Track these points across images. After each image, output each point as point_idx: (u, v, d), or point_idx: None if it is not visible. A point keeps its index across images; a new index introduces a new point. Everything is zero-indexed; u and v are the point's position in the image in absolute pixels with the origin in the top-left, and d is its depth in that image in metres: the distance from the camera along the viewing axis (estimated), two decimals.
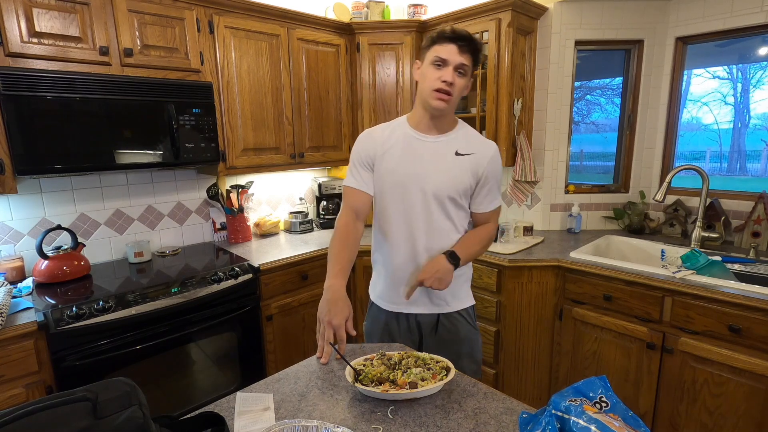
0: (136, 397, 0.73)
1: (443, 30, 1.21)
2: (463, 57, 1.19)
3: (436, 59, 1.20)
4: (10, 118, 1.53)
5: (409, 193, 1.27)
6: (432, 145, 1.28)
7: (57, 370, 1.49)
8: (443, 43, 1.20)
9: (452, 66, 1.19)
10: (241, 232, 2.45)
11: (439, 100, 1.21)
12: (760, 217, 2.01)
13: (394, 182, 1.28)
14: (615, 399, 0.74)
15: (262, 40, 2.22)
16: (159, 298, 1.70)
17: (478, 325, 1.44)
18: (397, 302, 1.35)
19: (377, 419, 0.90)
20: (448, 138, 1.30)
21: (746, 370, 1.55)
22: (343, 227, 1.30)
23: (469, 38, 1.20)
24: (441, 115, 1.27)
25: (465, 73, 1.22)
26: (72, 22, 1.65)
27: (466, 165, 1.28)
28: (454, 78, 1.20)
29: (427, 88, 1.22)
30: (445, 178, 1.26)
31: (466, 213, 1.34)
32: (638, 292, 1.79)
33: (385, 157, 1.29)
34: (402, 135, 1.30)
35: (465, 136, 1.32)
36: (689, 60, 2.33)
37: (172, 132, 1.90)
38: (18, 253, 1.89)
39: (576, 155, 2.66)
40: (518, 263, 2.04)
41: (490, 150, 1.31)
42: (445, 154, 1.28)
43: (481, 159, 1.29)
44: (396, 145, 1.29)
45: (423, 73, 1.25)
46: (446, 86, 1.19)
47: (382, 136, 1.32)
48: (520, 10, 2.21)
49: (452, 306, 1.36)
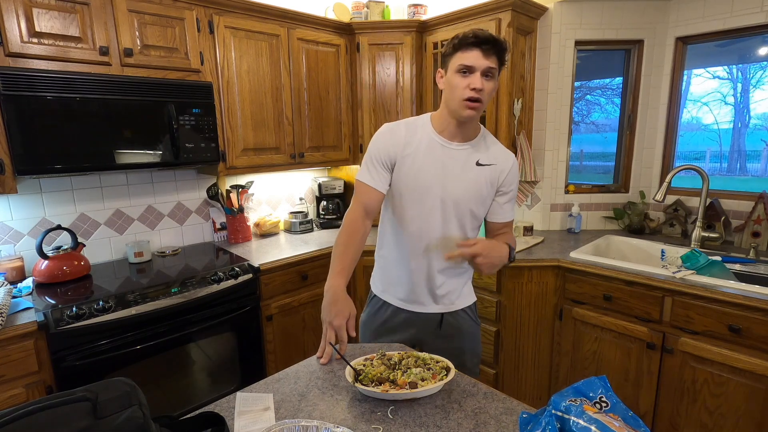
0: (136, 397, 0.73)
1: (465, 35, 1.15)
2: (489, 60, 1.14)
3: (461, 67, 1.15)
4: (10, 118, 1.53)
5: (429, 198, 1.25)
6: (455, 152, 1.26)
7: (57, 370, 1.49)
8: (467, 49, 1.14)
9: (479, 72, 1.14)
10: (241, 232, 2.45)
11: (469, 110, 1.17)
12: (760, 217, 2.01)
13: (414, 186, 1.26)
14: (615, 399, 0.74)
15: (262, 40, 2.22)
16: (159, 298, 1.70)
17: (479, 320, 1.45)
18: (406, 300, 1.35)
19: (377, 419, 0.90)
20: (471, 146, 1.27)
21: (746, 370, 1.55)
22: (352, 224, 1.26)
23: (493, 40, 1.14)
24: (469, 122, 1.24)
25: (492, 76, 1.17)
26: (72, 22, 1.65)
27: (486, 175, 1.27)
28: (483, 84, 1.15)
29: (457, 97, 1.18)
30: (466, 188, 1.25)
31: (479, 222, 1.35)
32: (638, 292, 1.79)
33: (407, 160, 1.26)
34: (426, 138, 1.27)
35: (486, 145, 1.30)
36: (689, 60, 2.33)
37: (172, 132, 1.90)
38: (18, 253, 1.89)
39: (576, 155, 2.66)
40: (518, 263, 2.04)
41: (509, 161, 1.30)
42: (466, 162, 1.26)
43: (501, 170, 1.28)
44: (419, 149, 1.25)
45: (449, 82, 1.20)
46: (476, 93, 1.15)
47: (406, 137, 1.27)
48: (520, 10, 2.21)
49: (457, 305, 1.37)
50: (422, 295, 1.34)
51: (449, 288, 1.34)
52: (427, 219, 1.27)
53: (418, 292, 1.34)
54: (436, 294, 1.33)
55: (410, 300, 1.35)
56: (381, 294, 1.41)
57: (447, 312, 1.36)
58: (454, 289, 1.35)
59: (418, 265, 1.31)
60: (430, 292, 1.33)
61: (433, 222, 1.27)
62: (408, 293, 1.34)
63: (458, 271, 1.35)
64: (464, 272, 1.37)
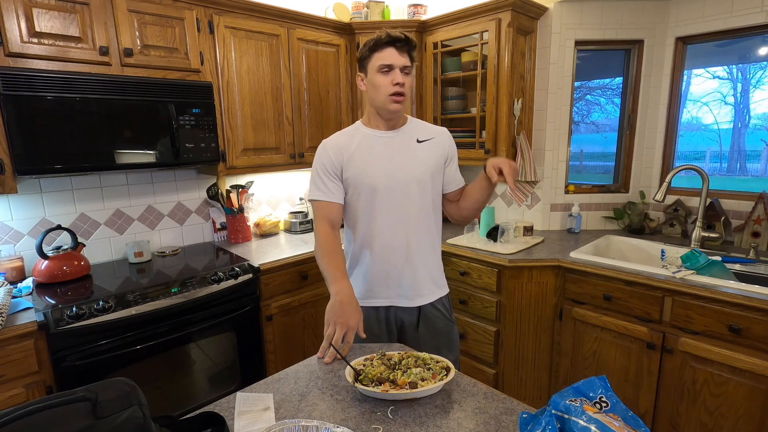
0: (136, 397, 0.73)
1: (379, 36, 1.25)
2: (404, 58, 1.26)
3: (381, 66, 1.25)
4: (10, 118, 1.53)
5: (384, 186, 1.32)
6: (393, 139, 1.36)
7: (57, 370, 1.49)
8: (383, 48, 1.25)
9: (398, 68, 1.26)
10: (241, 232, 2.45)
11: (395, 103, 1.28)
12: (760, 217, 2.01)
13: (367, 181, 1.32)
14: (615, 399, 0.74)
15: (262, 40, 2.23)
16: (159, 298, 1.70)
17: (454, 317, 1.48)
18: (383, 296, 1.38)
19: (377, 419, 0.90)
20: (406, 129, 1.38)
21: (746, 370, 1.55)
22: (326, 238, 1.31)
23: (405, 39, 1.25)
24: (396, 116, 1.34)
25: (408, 73, 1.29)
26: (72, 22, 1.65)
27: (429, 149, 1.38)
28: (404, 78, 1.26)
29: (383, 95, 1.27)
30: (414, 164, 1.34)
31: (438, 196, 1.42)
32: (638, 292, 1.79)
33: (353, 159, 1.33)
34: (363, 137, 1.37)
35: (417, 126, 1.42)
36: (689, 60, 2.33)
37: (172, 132, 1.90)
38: (18, 253, 1.89)
39: (576, 155, 2.66)
40: (518, 263, 2.04)
41: (445, 133, 1.43)
42: (408, 143, 1.36)
43: (442, 141, 1.41)
44: (361, 147, 1.35)
45: (372, 82, 1.29)
46: (400, 88, 1.26)
47: (344, 143, 1.36)
48: (520, 10, 2.21)
49: (434, 294, 1.41)
50: (396, 287, 1.38)
51: (424, 275, 1.39)
52: (390, 204, 1.33)
53: (405, 285, 1.38)
54: (413, 285, 1.38)
55: (388, 295, 1.38)
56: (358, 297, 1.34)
57: (423, 307, 1.40)
58: (429, 275, 1.40)
59: (398, 249, 1.35)
60: (405, 282, 1.37)
61: (396, 206, 1.33)
62: (392, 286, 1.38)
63: (431, 258, 1.41)
64: (435, 258, 1.43)
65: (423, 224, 1.37)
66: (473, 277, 2.22)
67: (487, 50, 2.32)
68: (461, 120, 2.68)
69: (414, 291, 1.38)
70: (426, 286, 1.39)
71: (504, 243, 2.25)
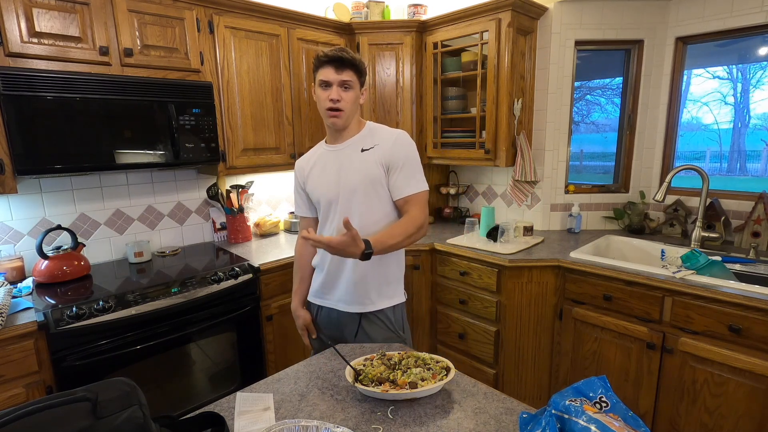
0: (136, 397, 0.73)
1: (318, 55, 1.31)
2: (343, 74, 1.30)
3: (320, 82, 1.32)
4: (10, 118, 1.53)
5: (331, 199, 1.38)
6: (343, 151, 1.39)
7: (57, 370, 1.49)
8: (322, 66, 1.31)
9: (335, 85, 1.30)
10: (241, 232, 2.45)
11: (332, 118, 1.33)
12: (760, 217, 2.01)
13: (320, 195, 1.41)
14: (615, 399, 0.74)
15: (262, 40, 2.23)
16: (159, 298, 1.70)
17: (407, 331, 1.45)
18: (325, 297, 1.46)
19: (377, 419, 0.90)
20: (354, 140, 1.39)
21: (746, 370, 1.55)
22: (299, 251, 1.54)
23: (340, 58, 1.28)
24: (343, 128, 1.38)
25: (351, 87, 1.32)
26: (72, 22, 1.65)
27: (371, 158, 1.36)
28: (340, 94, 1.30)
29: (322, 109, 1.35)
30: (355, 175, 1.35)
31: (384, 204, 1.37)
32: (638, 292, 1.79)
33: (310, 177, 1.44)
34: (320, 154, 1.44)
35: (371, 133, 1.40)
36: (689, 60, 2.33)
37: (172, 132, 1.90)
38: (18, 253, 1.89)
39: (576, 155, 2.66)
40: (518, 263, 2.04)
41: (392, 135, 1.37)
42: (353, 154, 1.38)
43: (383, 147, 1.36)
44: (317, 162, 1.44)
45: (316, 95, 1.36)
46: (333, 104, 1.30)
47: (305, 162, 1.47)
48: (520, 10, 2.21)
49: (376, 304, 1.39)
50: (340, 292, 1.42)
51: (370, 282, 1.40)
52: (337, 216, 1.37)
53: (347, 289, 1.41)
54: (357, 289, 1.39)
55: (330, 297, 1.45)
56: (310, 296, 1.52)
57: (364, 314, 1.40)
58: (373, 285, 1.39)
59: (347, 264, 1.39)
60: (347, 286, 1.40)
61: (341, 216, 1.35)
62: (331, 291, 1.44)
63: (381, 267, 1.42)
64: (386, 269, 1.41)
65: (369, 233, 1.29)
66: (473, 277, 2.22)
67: (487, 50, 2.32)
68: (461, 120, 2.68)
69: (352, 298, 1.39)
70: (367, 296, 1.39)
71: (504, 243, 2.25)
